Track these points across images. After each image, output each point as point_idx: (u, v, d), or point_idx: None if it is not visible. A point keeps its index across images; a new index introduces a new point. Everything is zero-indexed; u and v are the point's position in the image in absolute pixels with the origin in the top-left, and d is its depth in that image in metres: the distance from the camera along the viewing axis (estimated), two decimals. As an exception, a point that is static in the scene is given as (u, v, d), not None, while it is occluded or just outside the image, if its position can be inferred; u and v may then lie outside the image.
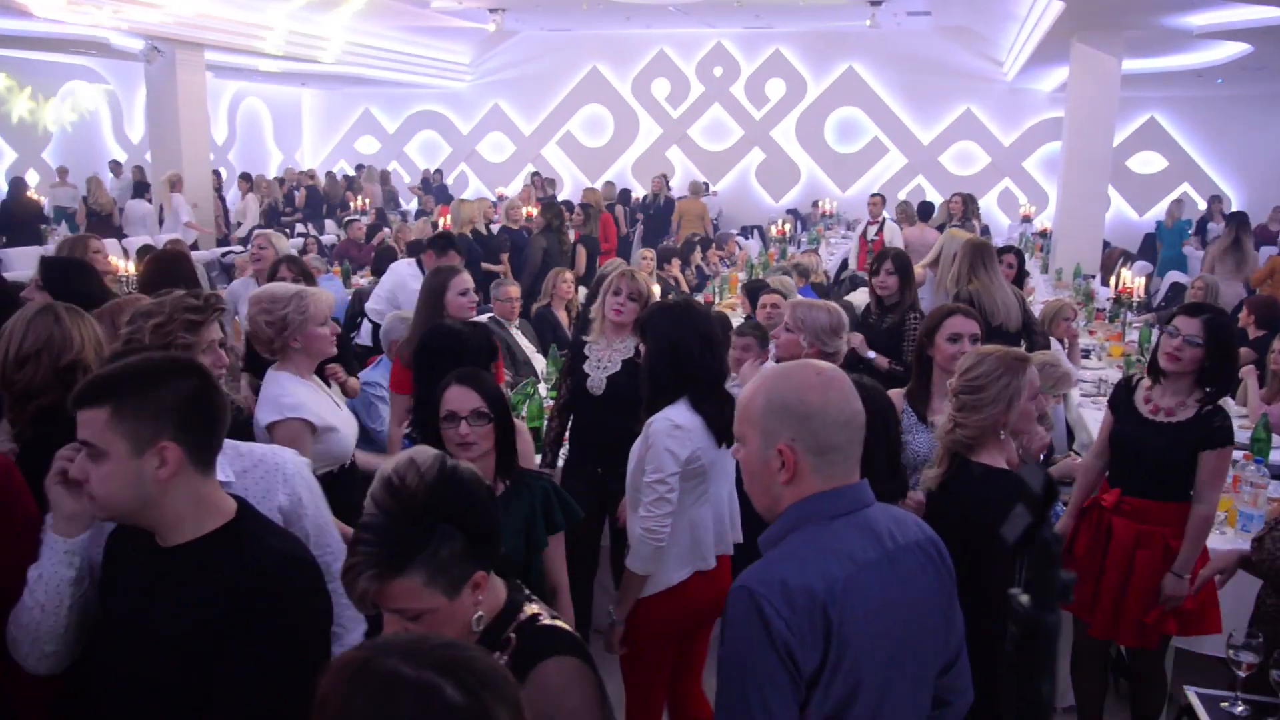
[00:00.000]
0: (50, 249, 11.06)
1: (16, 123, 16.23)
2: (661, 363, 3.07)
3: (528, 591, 1.81)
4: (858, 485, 1.75)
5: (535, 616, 1.73)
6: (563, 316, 6.72)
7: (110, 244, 11.58)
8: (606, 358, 4.05)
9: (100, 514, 1.77)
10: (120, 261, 8.57)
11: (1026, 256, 9.27)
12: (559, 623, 1.76)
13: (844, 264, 11.00)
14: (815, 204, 17.28)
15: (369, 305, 6.57)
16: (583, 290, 7.42)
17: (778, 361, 3.85)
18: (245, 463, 2.25)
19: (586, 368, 4.06)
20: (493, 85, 20.14)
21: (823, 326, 3.81)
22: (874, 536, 1.72)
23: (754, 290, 6.36)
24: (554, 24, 18.05)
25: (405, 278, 6.31)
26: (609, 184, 15.18)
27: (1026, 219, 15.83)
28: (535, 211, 10.52)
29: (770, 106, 19.09)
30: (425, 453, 1.70)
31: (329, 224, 15.52)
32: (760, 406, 1.73)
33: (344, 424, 3.19)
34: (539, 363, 6.05)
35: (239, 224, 13.96)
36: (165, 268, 4.62)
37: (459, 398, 2.59)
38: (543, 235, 9.15)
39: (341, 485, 3.10)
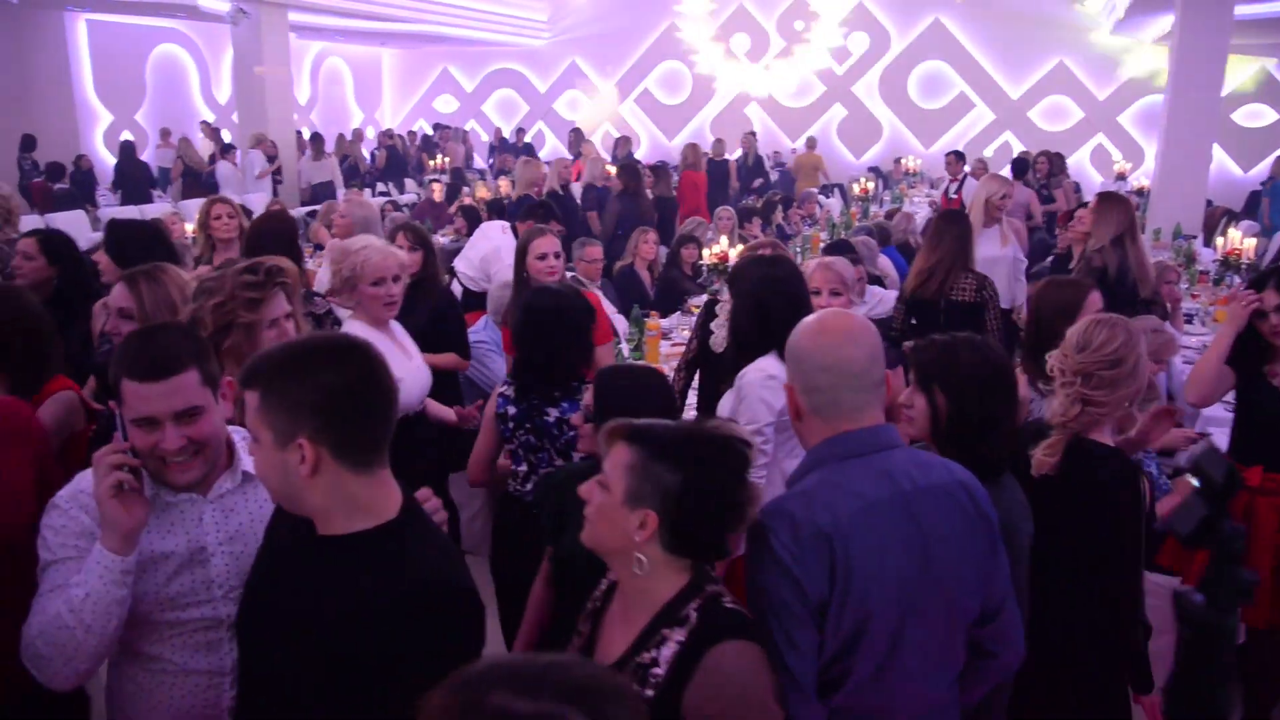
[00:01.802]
0: (164, 207, 11.49)
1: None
2: (746, 318, 3.04)
3: (714, 574, 1.74)
4: (875, 428, 1.83)
5: (718, 596, 1.67)
6: (645, 276, 6.68)
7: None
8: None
9: (271, 497, 1.74)
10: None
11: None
12: (741, 607, 1.69)
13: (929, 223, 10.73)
14: (897, 161, 16.87)
15: (461, 266, 6.55)
16: (663, 250, 7.36)
17: None
18: None
19: (714, 325, 3.97)
20: (570, 42, 20.02)
21: (853, 279, 3.72)
22: (888, 477, 1.79)
23: (837, 250, 6.23)
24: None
25: (500, 248, 6.29)
26: (719, 140, 15.03)
27: (1121, 176, 15.19)
28: (614, 171, 10.46)
29: (852, 61, 18.62)
30: None
31: (409, 183, 15.68)
32: (787, 349, 1.91)
33: (410, 374, 3.24)
34: (620, 323, 6.02)
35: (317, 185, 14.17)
36: (266, 228, 4.61)
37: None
38: (619, 198, 9.09)
39: (406, 433, 3.13)
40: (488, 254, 6.33)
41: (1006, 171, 10.57)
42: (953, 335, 2.31)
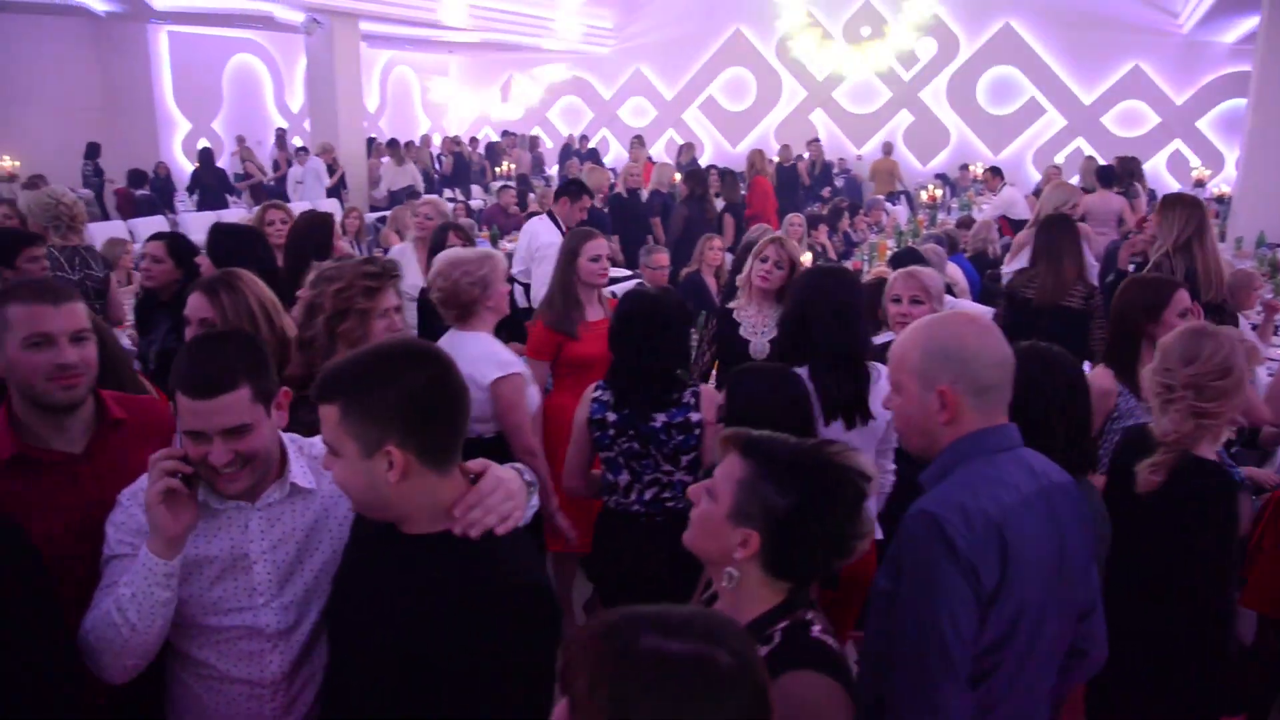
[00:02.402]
0: (240, 213, 11.83)
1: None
2: (788, 327, 3.05)
3: (814, 601, 1.69)
4: (1010, 425, 1.85)
5: (808, 624, 1.61)
6: (711, 283, 6.68)
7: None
8: (760, 323, 3.99)
9: (354, 506, 1.75)
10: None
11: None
12: (832, 640, 1.63)
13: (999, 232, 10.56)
14: (964, 168, 16.63)
15: (514, 269, 6.61)
16: (729, 257, 7.34)
17: None
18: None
19: (742, 333, 4.01)
20: (635, 50, 20.11)
21: (940, 289, 3.70)
22: (1030, 471, 1.82)
23: (905, 259, 6.16)
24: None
25: (537, 230, 6.29)
26: (786, 146, 14.98)
27: (1200, 183, 14.78)
28: (679, 178, 10.47)
29: (920, 67, 18.41)
30: None
31: (475, 189, 15.88)
32: (917, 355, 1.84)
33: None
34: (688, 329, 6.02)
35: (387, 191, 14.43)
36: (304, 230, 4.69)
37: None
38: (685, 203, 9.09)
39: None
40: (528, 242, 6.34)
41: (1075, 179, 10.38)
42: (1022, 345, 2.26)
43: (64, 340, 2.01)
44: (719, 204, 9.77)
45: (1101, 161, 11.00)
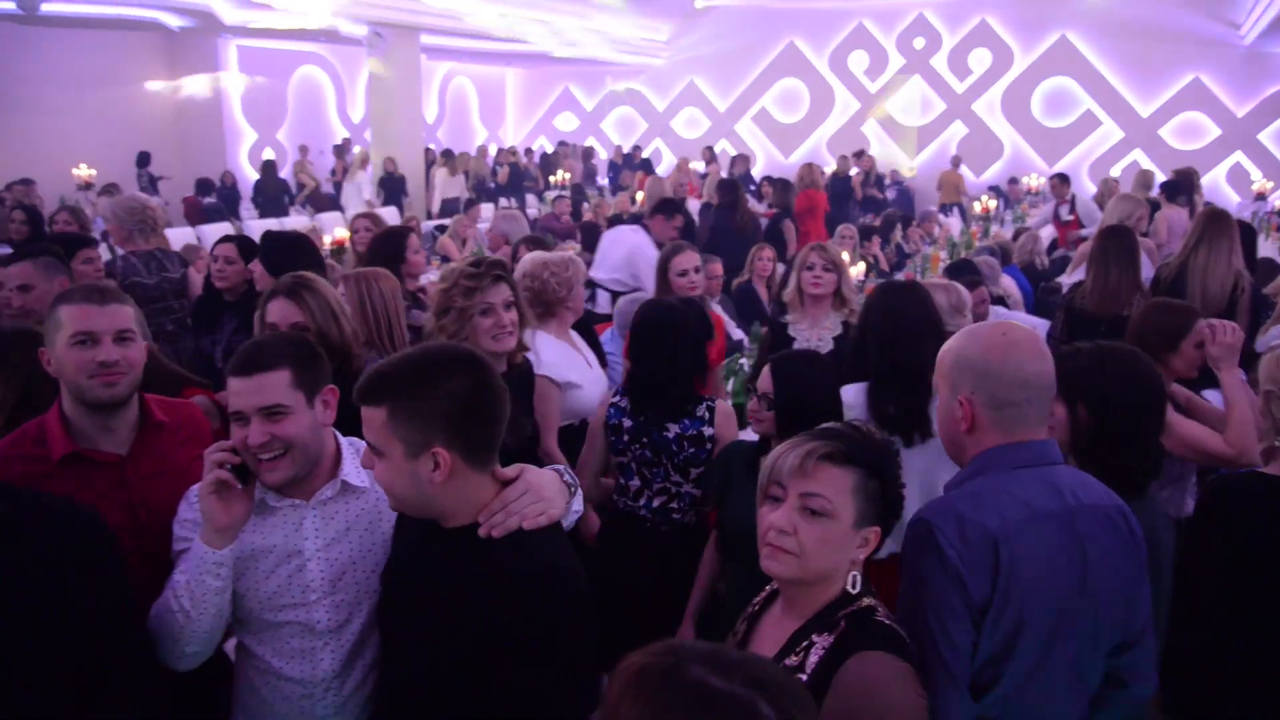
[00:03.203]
0: (301, 220, 12.21)
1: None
2: (855, 343, 3.05)
3: (873, 589, 1.72)
4: (1044, 442, 1.83)
5: (872, 609, 1.64)
6: (764, 293, 6.79)
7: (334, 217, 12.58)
8: (815, 337, 3.95)
9: (394, 505, 1.79)
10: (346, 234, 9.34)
11: (1261, 237, 8.55)
12: (895, 625, 1.65)
13: (1053, 244, 10.53)
14: (1013, 180, 16.52)
15: (602, 275, 6.62)
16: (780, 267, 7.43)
17: None
18: None
19: (797, 347, 3.96)
20: (689, 61, 20.29)
21: (942, 306, 3.67)
22: (1055, 491, 1.78)
23: (959, 270, 6.21)
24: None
25: (640, 245, 6.43)
26: (844, 157, 15.04)
27: (1261, 196, 14.52)
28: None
29: (974, 79, 18.35)
30: None
31: (530, 199, 16.15)
32: (949, 360, 1.87)
33: (590, 382, 3.40)
34: (741, 337, 6.15)
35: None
36: (378, 243, 4.83)
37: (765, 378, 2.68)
38: (714, 212, 9.10)
39: (581, 437, 3.32)
40: (629, 254, 6.46)
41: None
42: (1100, 345, 2.28)
43: (107, 339, 2.10)
44: (759, 210, 9.82)
45: (1161, 176, 10.90)
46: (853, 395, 2.90)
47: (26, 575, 1.66)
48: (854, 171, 15.32)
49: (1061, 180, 10.88)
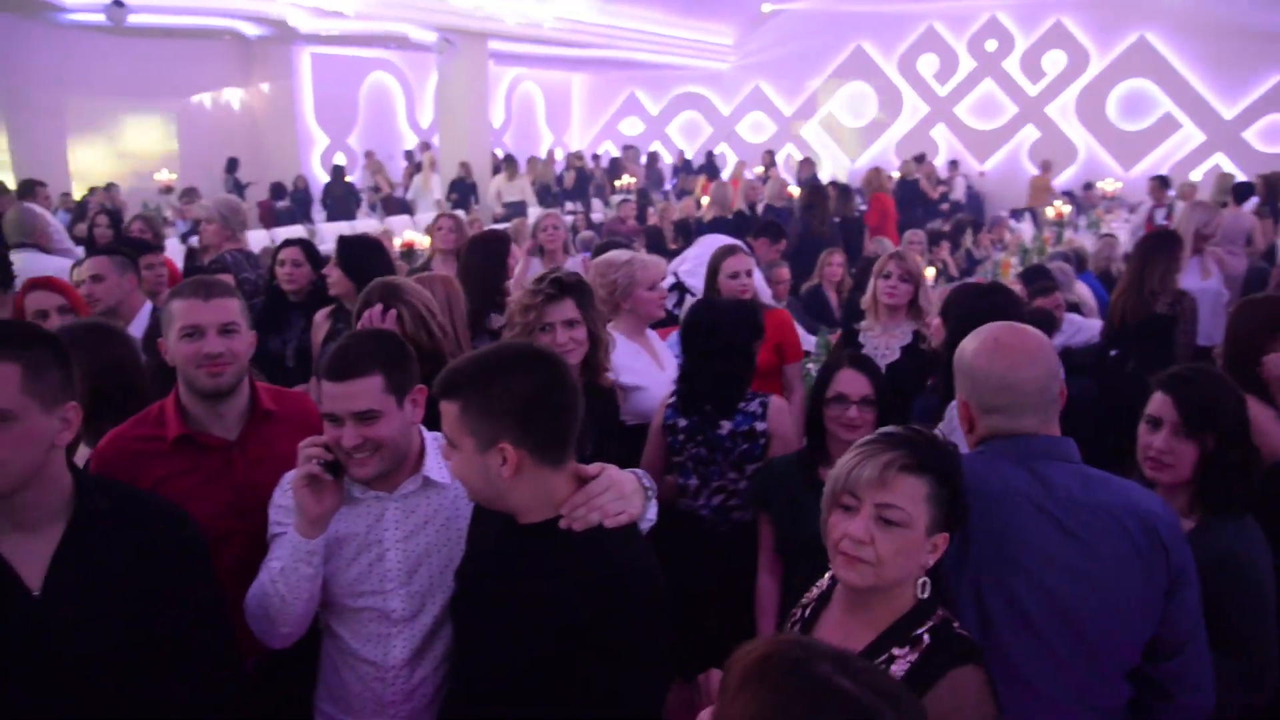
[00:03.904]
0: (370, 223, 12.44)
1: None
2: (948, 349, 2.99)
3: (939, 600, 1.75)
4: (1049, 438, 1.86)
5: (949, 621, 1.67)
6: (833, 297, 6.73)
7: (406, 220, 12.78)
8: (884, 345, 3.92)
9: (470, 496, 1.83)
10: (415, 236, 9.51)
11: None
12: (968, 634, 1.69)
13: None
14: (1088, 185, 16.12)
15: (694, 281, 6.62)
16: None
17: None
18: None
19: (866, 354, 3.91)
20: (754, 66, 20.21)
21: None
22: (1042, 481, 1.83)
23: (1033, 275, 6.08)
24: (821, 2, 17.87)
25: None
26: (907, 161, 14.89)
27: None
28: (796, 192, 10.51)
29: (1047, 81, 17.97)
30: None
31: (595, 203, 16.23)
32: (955, 361, 1.95)
33: (658, 384, 3.38)
34: (808, 342, 6.08)
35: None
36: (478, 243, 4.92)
37: (850, 380, 2.67)
38: (800, 217, 9.06)
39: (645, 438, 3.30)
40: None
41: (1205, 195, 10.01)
42: (1196, 369, 2.23)
43: (212, 332, 2.22)
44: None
45: (1241, 178, 10.56)
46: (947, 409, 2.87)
47: (125, 565, 1.75)
48: (914, 176, 15.09)
49: (1161, 183, 10.63)
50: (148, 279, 4.58)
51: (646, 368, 3.41)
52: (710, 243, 6.59)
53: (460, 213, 9.43)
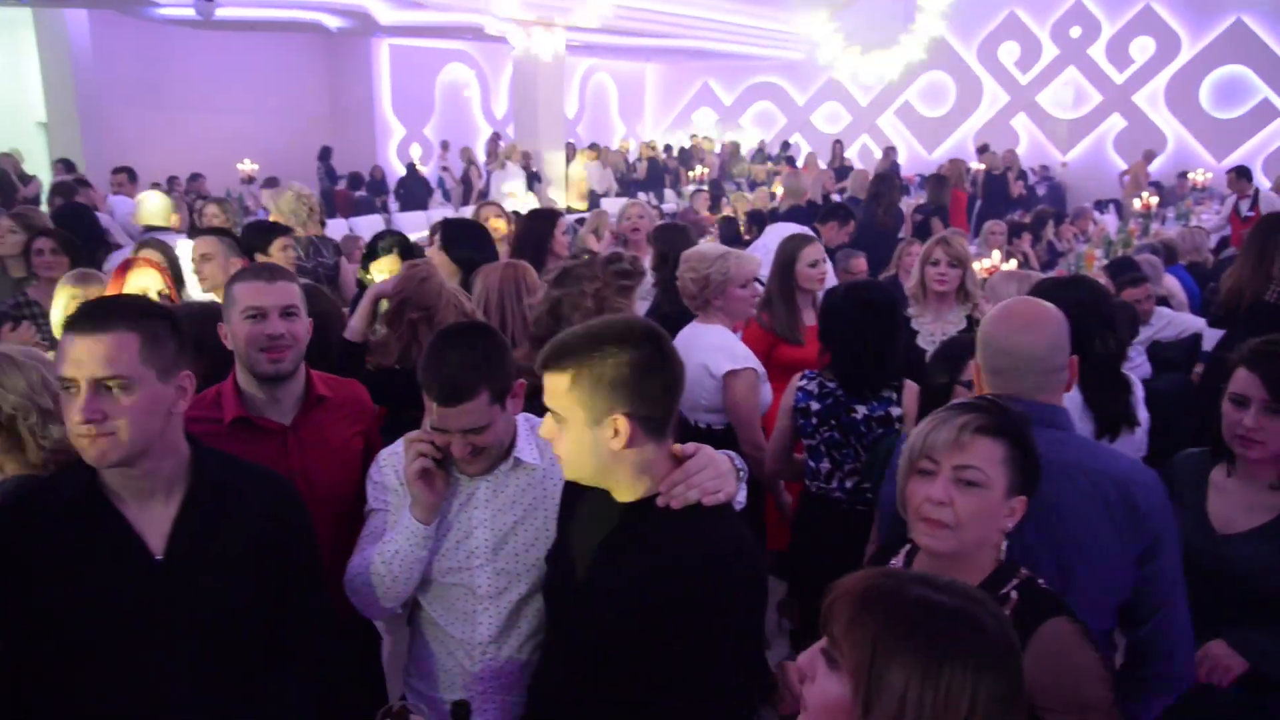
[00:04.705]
0: (446, 213, 12.61)
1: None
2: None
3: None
4: (1042, 405, 1.95)
5: (1032, 579, 1.71)
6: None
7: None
8: (939, 331, 3.89)
9: (568, 474, 1.81)
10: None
11: None
12: (1054, 589, 1.74)
13: (1223, 242, 9.90)
14: (1182, 176, 15.57)
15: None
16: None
17: None
18: None
19: (920, 342, 3.92)
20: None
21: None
22: None
23: (1120, 268, 5.89)
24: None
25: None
26: (994, 153, 14.60)
27: None
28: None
29: (1135, 68, 17.40)
30: None
31: (668, 193, 16.21)
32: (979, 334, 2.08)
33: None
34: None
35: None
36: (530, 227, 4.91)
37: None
38: (865, 206, 8.89)
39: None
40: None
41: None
42: (1275, 341, 2.19)
43: (275, 314, 2.27)
44: (908, 208, 9.57)
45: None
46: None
47: (240, 530, 1.85)
48: (976, 165, 14.70)
49: (1239, 174, 10.27)
50: (282, 260, 4.56)
51: (746, 358, 3.38)
52: (780, 231, 6.55)
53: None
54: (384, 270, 4.35)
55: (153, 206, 6.57)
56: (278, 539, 1.90)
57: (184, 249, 4.54)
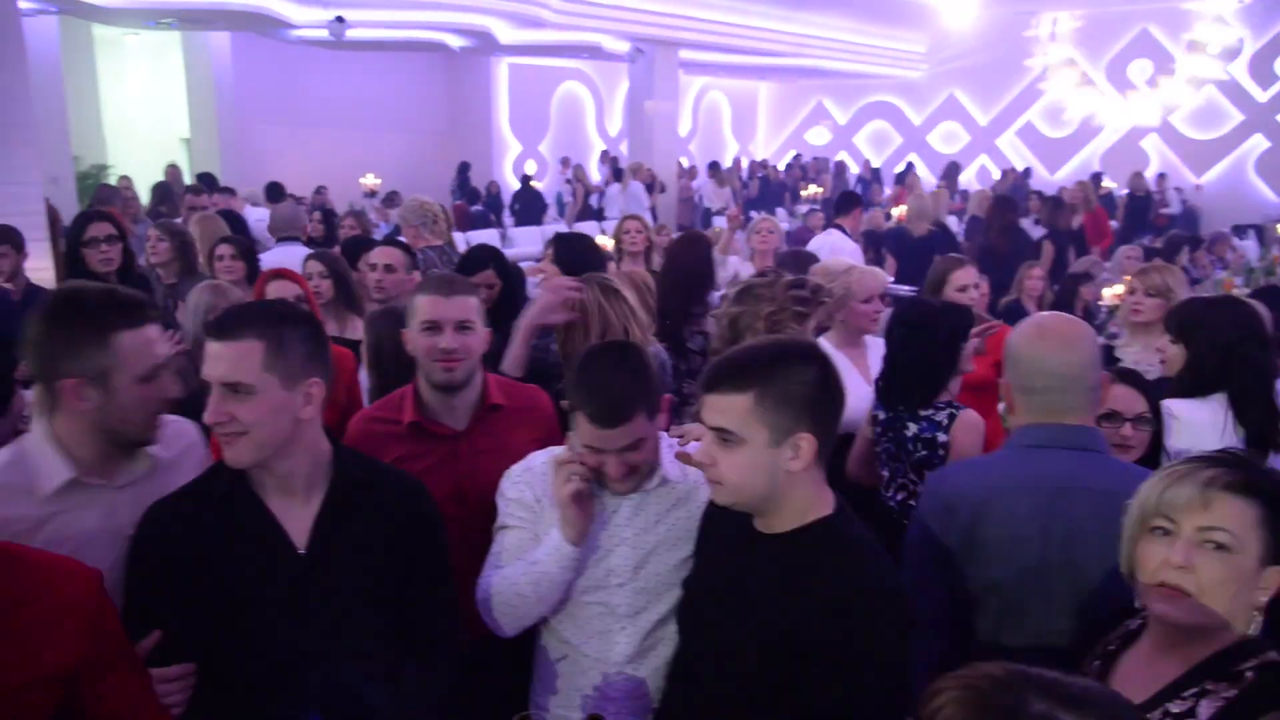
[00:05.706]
0: (559, 229, 12.83)
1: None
2: (1208, 360, 2.80)
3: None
4: (1073, 427, 1.94)
5: (1278, 664, 1.47)
6: (1033, 312, 6.40)
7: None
8: (1145, 360, 3.69)
9: (727, 498, 1.74)
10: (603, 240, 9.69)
11: None
12: None
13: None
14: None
15: None
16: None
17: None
18: None
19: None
20: (949, 74, 19.56)
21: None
22: (1049, 470, 1.93)
23: (1268, 297, 5.57)
24: (1023, 5, 17.08)
25: (836, 240, 6.61)
26: (1138, 175, 14.12)
27: None
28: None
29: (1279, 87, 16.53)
30: None
31: (780, 212, 16.11)
32: (1007, 349, 2.06)
33: (859, 399, 3.29)
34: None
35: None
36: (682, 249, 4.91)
37: (1123, 397, 2.52)
38: (984, 230, 8.64)
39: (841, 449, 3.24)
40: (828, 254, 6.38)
41: None
42: None
43: (450, 328, 2.34)
44: (1036, 231, 9.25)
45: None
46: (1192, 408, 2.74)
47: (377, 529, 1.91)
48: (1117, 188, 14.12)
49: None
50: (363, 274, 4.73)
51: (855, 380, 3.32)
52: (829, 244, 6.56)
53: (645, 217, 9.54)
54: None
55: (284, 217, 6.95)
56: (411, 539, 1.94)
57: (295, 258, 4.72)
